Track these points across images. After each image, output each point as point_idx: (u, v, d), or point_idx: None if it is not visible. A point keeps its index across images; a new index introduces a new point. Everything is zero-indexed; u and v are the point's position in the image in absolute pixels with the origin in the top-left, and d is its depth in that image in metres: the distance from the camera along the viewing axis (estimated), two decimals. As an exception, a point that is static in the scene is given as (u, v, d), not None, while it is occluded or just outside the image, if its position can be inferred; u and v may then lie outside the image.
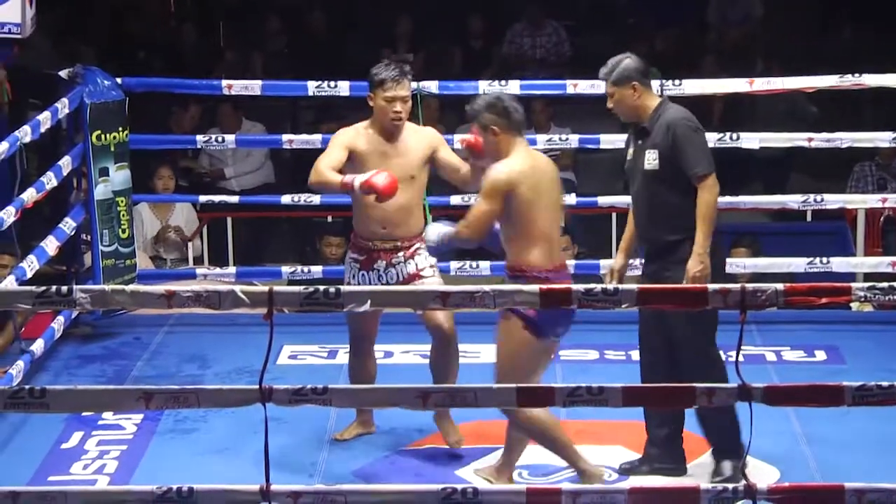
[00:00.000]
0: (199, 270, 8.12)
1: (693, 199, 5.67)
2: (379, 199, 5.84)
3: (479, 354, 6.83)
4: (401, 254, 6.03)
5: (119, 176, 7.48)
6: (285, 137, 8.00)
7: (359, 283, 5.98)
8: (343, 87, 7.67)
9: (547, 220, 5.51)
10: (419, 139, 6.07)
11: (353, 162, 5.99)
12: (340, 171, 5.93)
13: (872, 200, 8.21)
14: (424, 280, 5.99)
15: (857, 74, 7.34)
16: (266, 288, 4.46)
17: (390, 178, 5.81)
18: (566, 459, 5.62)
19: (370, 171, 5.85)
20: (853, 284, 4.53)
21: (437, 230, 5.67)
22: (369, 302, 4.55)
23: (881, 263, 7.80)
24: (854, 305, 7.07)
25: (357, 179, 5.83)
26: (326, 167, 5.93)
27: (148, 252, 9.24)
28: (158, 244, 9.36)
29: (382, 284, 5.97)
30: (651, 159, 5.78)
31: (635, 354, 7.11)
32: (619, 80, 5.78)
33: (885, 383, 4.58)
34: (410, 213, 6.03)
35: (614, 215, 9.27)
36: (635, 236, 5.95)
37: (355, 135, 6.04)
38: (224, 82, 7.85)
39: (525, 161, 5.52)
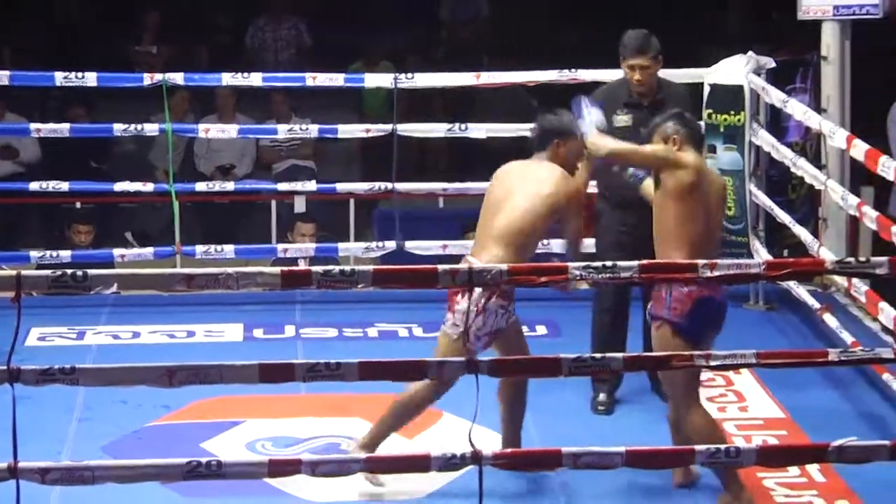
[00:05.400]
0: (-52, 255, 7.86)
1: None
2: None
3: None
4: None
5: None
6: (33, 126, 7.82)
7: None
8: (90, 78, 7.49)
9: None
10: None
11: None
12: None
13: (591, 186, 8.36)
14: None
15: (574, 70, 7.49)
16: (14, 272, 4.35)
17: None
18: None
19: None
20: (570, 264, 4.64)
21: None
22: (116, 285, 4.49)
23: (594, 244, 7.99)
24: (581, 284, 7.19)
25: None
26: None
27: None
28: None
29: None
30: None
31: (371, 332, 7.20)
32: (658, 55, 6.17)
33: (598, 355, 4.71)
34: None
35: (352, 201, 9.31)
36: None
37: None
38: (-30, 73, 7.60)
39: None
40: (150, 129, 7.76)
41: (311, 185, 8.16)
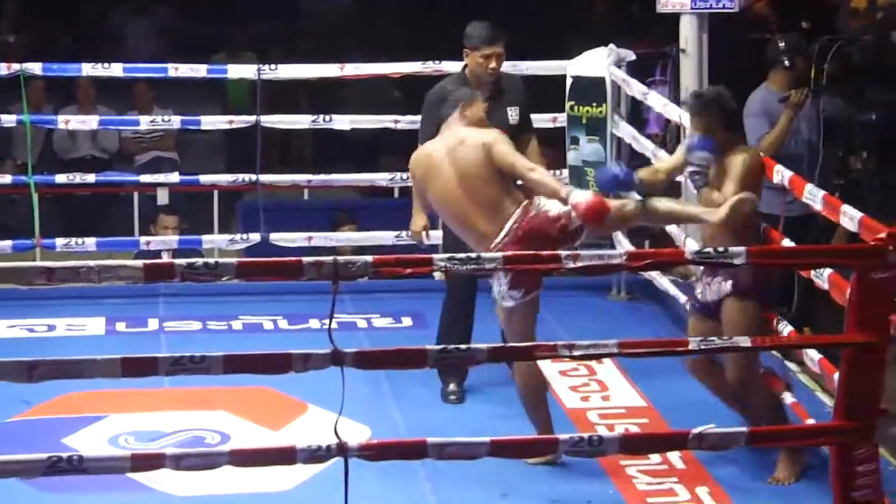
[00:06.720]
0: None
1: None
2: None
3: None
4: None
5: None
6: None
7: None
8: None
9: None
10: None
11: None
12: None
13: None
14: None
15: (437, 62, 7.52)
16: None
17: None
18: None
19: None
20: (434, 256, 4.65)
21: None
22: (-27, 278, 4.41)
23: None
24: (436, 275, 7.23)
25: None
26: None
27: None
28: None
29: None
30: (514, 115, 6.23)
31: (236, 324, 7.16)
32: (505, 43, 6.15)
33: (462, 346, 4.73)
34: None
35: (216, 192, 9.22)
36: None
37: None
38: None
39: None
40: (8, 119, 7.63)
41: (174, 177, 8.08)
